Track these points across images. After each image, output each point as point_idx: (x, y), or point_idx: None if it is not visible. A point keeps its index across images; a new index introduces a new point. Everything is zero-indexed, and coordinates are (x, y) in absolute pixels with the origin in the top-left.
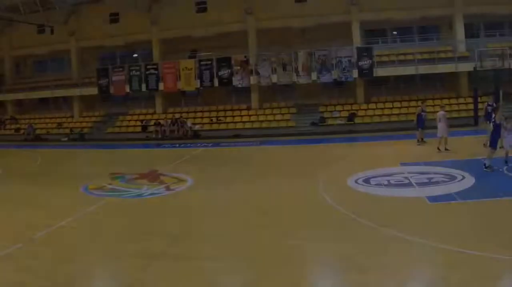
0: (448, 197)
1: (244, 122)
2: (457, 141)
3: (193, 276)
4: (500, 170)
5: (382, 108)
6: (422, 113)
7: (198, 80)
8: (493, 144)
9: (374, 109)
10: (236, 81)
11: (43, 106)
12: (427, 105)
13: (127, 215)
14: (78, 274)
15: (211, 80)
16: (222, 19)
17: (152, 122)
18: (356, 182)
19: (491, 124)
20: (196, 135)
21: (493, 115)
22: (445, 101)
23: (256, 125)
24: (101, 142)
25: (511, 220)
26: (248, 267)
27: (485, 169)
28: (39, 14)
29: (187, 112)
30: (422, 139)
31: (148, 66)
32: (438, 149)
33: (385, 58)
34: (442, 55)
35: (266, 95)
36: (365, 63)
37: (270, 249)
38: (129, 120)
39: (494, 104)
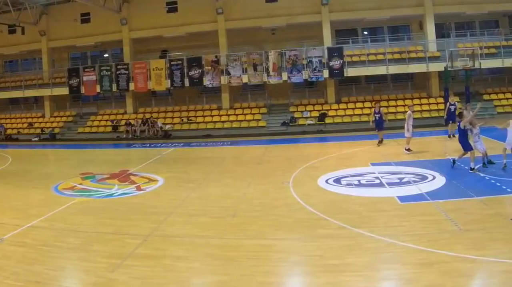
0: (419, 197)
1: (215, 122)
2: (428, 141)
3: (164, 276)
4: (468, 169)
5: (352, 108)
6: (376, 115)
7: (169, 80)
8: (466, 147)
9: (344, 109)
10: (207, 81)
11: (14, 106)
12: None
13: (97, 215)
14: (48, 274)
15: (182, 80)
16: (193, 19)
17: (123, 122)
18: (326, 182)
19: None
20: (166, 135)
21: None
22: (416, 101)
23: (227, 125)
24: (72, 142)
25: (481, 220)
26: (219, 267)
27: (470, 171)
28: (10, 14)
29: (158, 112)
30: (381, 140)
31: (119, 66)
32: (408, 149)
33: (355, 58)
34: (413, 55)
35: (237, 95)
36: (335, 63)
37: (241, 249)
38: (100, 120)
39: (456, 104)
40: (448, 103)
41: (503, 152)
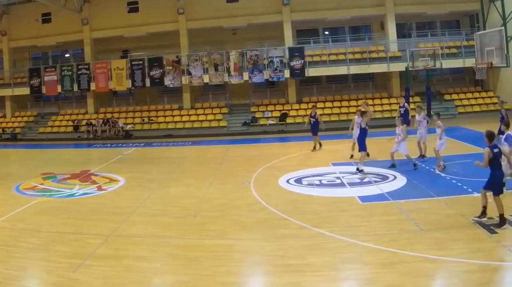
0: (380, 197)
1: (176, 122)
2: (389, 141)
3: (125, 276)
4: (432, 169)
5: None
6: (311, 118)
7: (130, 80)
8: (361, 147)
9: (305, 109)
10: (168, 81)
11: None
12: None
13: (58, 215)
14: (9, 274)
15: (143, 80)
16: (154, 19)
17: (84, 122)
18: (287, 182)
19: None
20: (127, 135)
21: (410, 117)
22: (377, 101)
23: (188, 125)
24: (33, 142)
25: (442, 220)
26: (180, 267)
27: (357, 171)
28: None
29: (119, 112)
30: (319, 145)
31: (80, 66)
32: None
33: (317, 58)
34: (374, 55)
35: (198, 96)
36: (297, 63)
37: (202, 249)
38: (61, 120)
39: (406, 106)
40: (398, 105)
41: (435, 153)
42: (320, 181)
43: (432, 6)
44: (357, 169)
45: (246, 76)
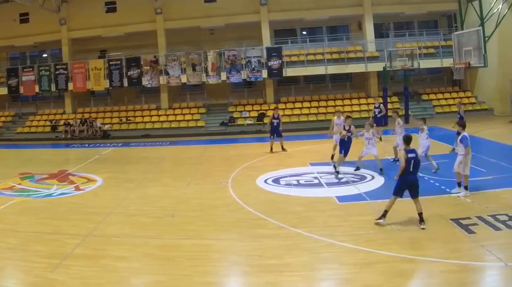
0: (357, 197)
1: (153, 122)
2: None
3: (103, 276)
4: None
5: (291, 108)
6: (274, 120)
7: (108, 80)
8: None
9: (283, 109)
10: (146, 81)
11: None
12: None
13: (36, 215)
14: None
15: (121, 80)
16: (132, 20)
17: (62, 122)
18: (265, 182)
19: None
20: (105, 135)
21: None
22: (355, 101)
23: (165, 125)
24: (11, 142)
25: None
26: (158, 267)
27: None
28: None
29: (97, 112)
30: (282, 147)
31: (58, 66)
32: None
33: (294, 58)
34: (352, 55)
35: (176, 95)
36: (274, 63)
37: (180, 249)
38: (39, 120)
39: (381, 107)
40: (373, 106)
41: (426, 156)
42: (298, 181)
43: (410, 6)
44: (334, 167)
45: (224, 76)
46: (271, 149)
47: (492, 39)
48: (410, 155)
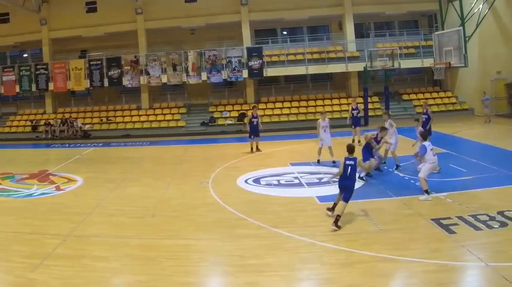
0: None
1: (134, 122)
2: (348, 141)
3: (84, 276)
4: (390, 169)
5: (272, 109)
6: (253, 119)
7: (88, 80)
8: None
9: (264, 109)
10: (126, 81)
11: None
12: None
13: (17, 215)
14: None
15: (101, 80)
16: (112, 20)
17: (42, 122)
18: (246, 182)
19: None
20: (86, 135)
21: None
22: (335, 101)
23: (146, 125)
24: None
25: (400, 220)
26: (139, 267)
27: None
28: None
29: (77, 112)
30: (257, 147)
31: (38, 66)
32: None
33: (275, 58)
34: (332, 55)
35: (156, 95)
36: (255, 63)
37: (160, 249)
38: (19, 121)
39: (359, 108)
40: (350, 108)
41: (391, 154)
42: (278, 181)
43: (390, 6)
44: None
45: (204, 76)
46: (252, 149)
47: (473, 39)
48: (348, 162)
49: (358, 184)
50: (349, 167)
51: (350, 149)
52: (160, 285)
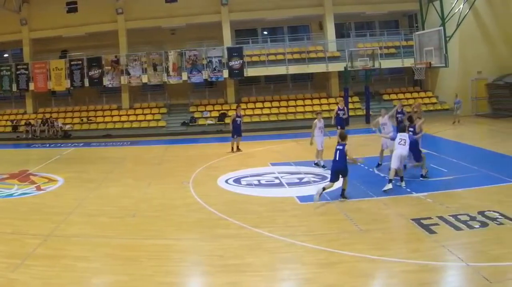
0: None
1: (114, 122)
2: (328, 141)
3: (64, 276)
4: (371, 170)
5: (252, 108)
6: (237, 118)
7: (69, 80)
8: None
9: (244, 109)
10: (107, 81)
11: None
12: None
13: None
14: None
15: (82, 80)
16: (93, 20)
17: (23, 122)
18: (226, 182)
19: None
20: (66, 135)
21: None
22: (316, 101)
23: (126, 125)
24: None
25: (381, 220)
26: (119, 267)
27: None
28: None
29: (58, 112)
30: (238, 147)
31: (19, 66)
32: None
33: (255, 58)
34: (313, 55)
35: (137, 95)
36: (235, 63)
37: (141, 249)
38: None
39: (346, 109)
40: (336, 108)
41: (379, 154)
42: (259, 181)
43: (370, 6)
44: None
45: (185, 76)
46: (232, 148)
47: (453, 39)
48: (337, 147)
49: (338, 183)
50: (338, 151)
51: (341, 135)
52: (140, 285)
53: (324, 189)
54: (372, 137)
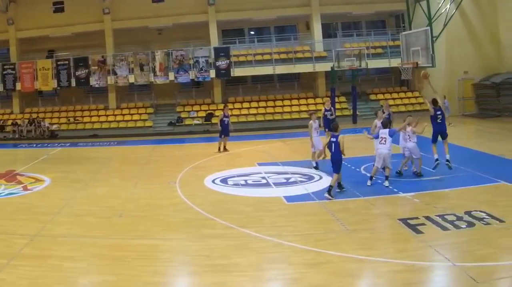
0: (305, 197)
1: (101, 122)
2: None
3: (51, 276)
4: (357, 169)
5: (239, 108)
6: (225, 118)
7: (56, 80)
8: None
9: (231, 109)
10: (94, 81)
11: None
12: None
13: None
14: None
15: (69, 80)
16: (80, 20)
17: (10, 122)
18: (213, 182)
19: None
20: (53, 135)
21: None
22: (303, 101)
23: (113, 125)
24: None
25: (368, 220)
26: (106, 267)
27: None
28: None
29: (45, 112)
30: (224, 147)
31: (6, 66)
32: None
33: (242, 58)
34: (300, 55)
35: (124, 95)
36: (222, 63)
37: (128, 249)
38: None
39: (333, 110)
40: (323, 109)
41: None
42: (245, 181)
43: (357, 6)
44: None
45: (171, 76)
46: (219, 148)
47: (440, 39)
48: (331, 139)
49: (326, 183)
50: (332, 143)
51: (334, 127)
52: (127, 285)
53: (331, 186)
54: (359, 138)
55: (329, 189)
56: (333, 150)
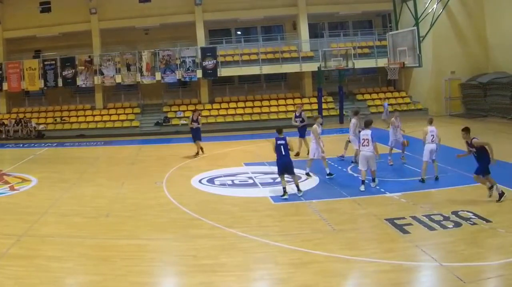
0: (292, 197)
1: (88, 122)
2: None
3: (38, 276)
4: (344, 169)
5: (226, 108)
6: (193, 123)
7: (42, 80)
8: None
9: (218, 109)
10: (80, 81)
11: None
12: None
13: None
14: None
15: (55, 80)
16: (67, 20)
17: None
18: (200, 182)
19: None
20: (40, 135)
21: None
22: (289, 101)
23: (100, 125)
24: None
25: (354, 220)
26: (93, 267)
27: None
28: None
29: (31, 112)
30: (201, 149)
31: None
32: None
33: (229, 58)
34: (287, 55)
35: (110, 95)
36: (209, 63)
37: (114, 249)
38: None
39: (303, 116)
40: (293, 115)
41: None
42: (232, 181)
43: (344, 6)
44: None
45: (158, 76)
46: (197, 152)
47: (427, 39)
48: (279, 142)
49: (312, 183)
50: (281, 146)
51: (278, 129)
52: (114, 285)
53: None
54: (346, 138)
55: (297, 186)
56: (283, 153)
